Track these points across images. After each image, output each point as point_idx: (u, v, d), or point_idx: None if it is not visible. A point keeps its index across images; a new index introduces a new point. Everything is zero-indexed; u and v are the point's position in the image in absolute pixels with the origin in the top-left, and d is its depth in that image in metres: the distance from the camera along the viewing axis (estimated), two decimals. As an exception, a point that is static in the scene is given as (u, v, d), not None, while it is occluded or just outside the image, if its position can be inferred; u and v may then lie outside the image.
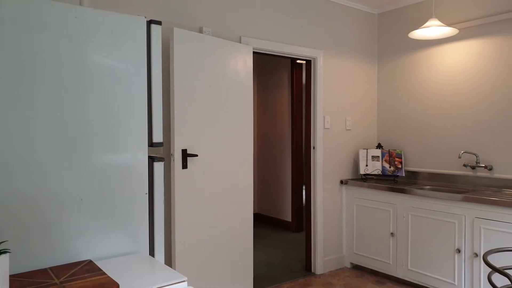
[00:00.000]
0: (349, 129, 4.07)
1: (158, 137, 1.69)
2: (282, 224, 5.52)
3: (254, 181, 5.98)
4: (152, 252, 1.69)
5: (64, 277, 1.27)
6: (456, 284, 3.09)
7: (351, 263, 3.97)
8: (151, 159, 1.70)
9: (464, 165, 3.54)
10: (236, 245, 3.07)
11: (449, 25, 3.65)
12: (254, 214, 5.93)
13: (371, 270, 3.81)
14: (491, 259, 2.86)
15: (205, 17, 3.05)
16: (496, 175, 3.36)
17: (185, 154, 2.70)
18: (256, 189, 5.99)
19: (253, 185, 5.88)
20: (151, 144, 1.68)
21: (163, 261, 1.70)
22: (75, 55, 1.52)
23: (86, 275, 1.28)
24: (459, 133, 3.63)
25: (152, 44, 1.66)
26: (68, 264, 1.42)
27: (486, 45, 3.42)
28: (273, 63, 5.68)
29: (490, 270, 2.63)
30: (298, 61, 5.14)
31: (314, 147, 3.79)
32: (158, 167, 1.69)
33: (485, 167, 3.41)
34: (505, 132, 3.32)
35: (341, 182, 3.97)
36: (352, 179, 3.97)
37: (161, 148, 2.81)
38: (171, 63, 2.66)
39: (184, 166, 2.70)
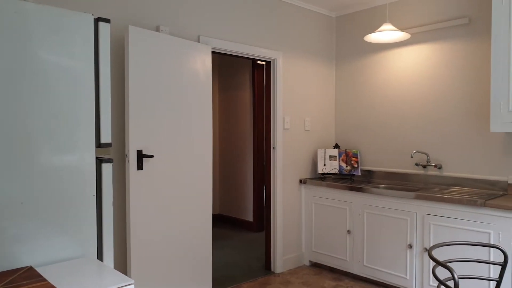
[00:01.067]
0: (308, 130, 4.14)
1: (106, 138, 1.64)
2: (243, 224, 5.53)
3: (216, 182, 5.96)
4: (100, 256, 1.65)
5: (1, 285, 1.21)
6: (407, 278, 3.21)
7: (310, 261, 4.05)
8: (99, 160, 1.65)
9: (416, 164, 3.69)
10: (195, 246, 3.05)
11: (402, 29, 3.79)
12: (215, 215, 5.90)
13: (329, 267, 3.89)
14: (439, 252, 3.00)
15: (162, 16, 3.00)
16: (445, 173, 3.53)
17: (140, 155, 2.65)
18: (217, 189, 5.97)
19: (215, 185, 5.87)
20: (99, 145, 1.64)
21: (112, 264, 1.66)
22: (17, 52, 1.45)
23: (24, 282, 1.22)
24: (411, 133, 3.78)
25: (100, 42, 1.62)
26: (6, 271, 1.36)
27: (436, 50, 3.58)
28: (235, 63, 5.68)
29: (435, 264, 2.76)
30: (258, 62, 5.17)
31: (274, 147, 3.82)
32: (107, 168, 1.64)
33: (435, 166, 3.57)
34: (452, 133, 3.49)
35: (301, 181, 4.03)
36: (311, 179, 4.05)
37: (113, 149, 2.74)
38: (126, 62, 2.60)
39: (140, 167, 2.65)
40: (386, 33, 3.46)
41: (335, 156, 4.08)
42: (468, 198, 2.86)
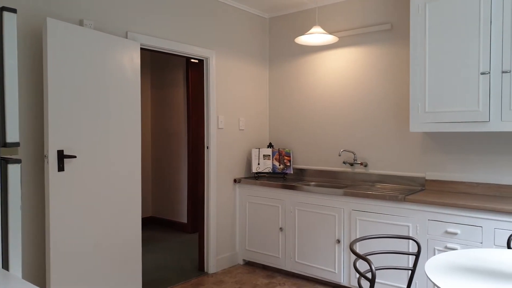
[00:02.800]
0: (243, 129, 4.16)
1: (13, 137, 1.51)
2: (177, 226, 5.42)
3: (148, 183, 5.78)
4: (6, 265, 1.51)
5: None
6: (336, 272, 3.34)
7: (244, 260, 4.06)
8: (5, 161, 1.51)
9: (344, 162, 3.85)
10: (123, 251, 2.92)
11: (330, 33, 3.94)
12: (148, 217, 5.73)
13: (263, 265, 3.94)
14: (364, 246, 3.15)
15: (86, 9, 2.84)
16: (371, 170, 3.72)
17: (61, 156, 2.49)
18: (150, 191, 5.79)
19: (147, 187, 5.69)
20: (4, 144, 1.50)
21: (19, 274, 1.53)
22: None
23: None
24: (339, 132, 3.94)
25: (5, 33, 1.49)
26: None
27: (362, 53, 3.77)
28: (169, 61, 5.55)
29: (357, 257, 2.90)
30: (192, 60, 5.10)
31: (207, 146, 3.79)
32: (13, 169, 1.51)
33: (361, 163, 3.75)
34: (377, 132, 3.69)
35: (235, 180, 4.03)
36: (245, 178, 4.06)
37: (31, 149, 2.55)
38: (44, 57, 2.43)
39: (61, 168, 2.49)
40: (316, 36, 3.57)
41: (269, 155, 4.13)
42: (390, 194, 3.04)
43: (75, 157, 2.53)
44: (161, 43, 3.33)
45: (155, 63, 5.74)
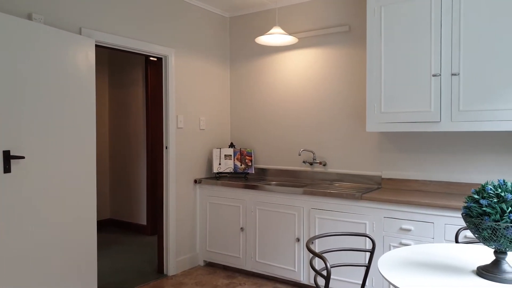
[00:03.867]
0: (203, 129, 4.11)
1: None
2: (137, 227, 5.29)
3: (106, 185, 5.60)
4: None
5: None
6: (296, 270, 3.37)
7: (205, 261, 4.02)
8: None
9: (304, 162, 3.90)
10: (77, 254, 2.81)
11: (290, 33, 3.98)
12: (105, 219, 5.55)
13: (224, 265, 3.91)
14: (322, 244, 3.20)
15: (36, 2, 2.71)
16: (330, 169, 3.79)
17: (7, 156, 2.35)
18: (108, 193, 5.61)
19: (105, 188, 5.51)
20: None
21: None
22: None
23: None
24: (299, 132, 3.98)
25: None
26: None
27: (321, 54, 3.83)
28: (127, 58, 5.40)
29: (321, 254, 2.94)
30: (151, 58, 4.99)
31: (166, 146, 3.71)
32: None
33: (320, 163, 3.81)
34: (335, 132, 3.76)
35: (195, 181, 3.98)
36: (206, 178, 4.02)
37: (-23, 149, 2.39)
38: (-12, 51, 2.28)
39: (7, 169, 2.35)
40: (276, 36, 3.59)
41: (230, 155, 4.11)
42: (348, 193, 3.10)
43: (23, 157, 2.40)
44: (118, 40, 3.23)
45: (113, 61, 5.57)
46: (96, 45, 3.12)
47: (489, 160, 3.03)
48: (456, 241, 2.14)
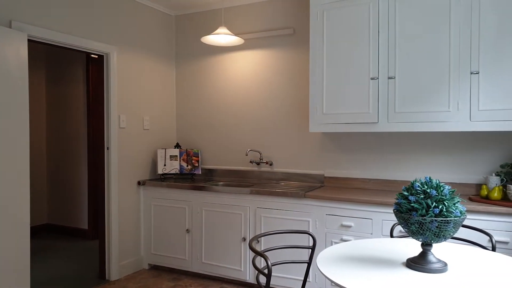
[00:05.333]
0: (147, 129, 4.02)
1: None
2: (77, 232, 5.05)
3: (43, 188, 5.30)
4: None
5: None
6: (242, 270, 3.39)
7: (150, 264, 3.93)
8: None
9: (251, 162, 3.93)
10: (7, 263, 2.63)
11: (236, 34, 3.99)
12: (42, 225, 5.25)
13: (169, 268, 3.85)
14: (267, 242, 3.25)
15: (-40, -9, 2.50)
16: (276, 169, 3.85)
17: None
18: (45, 196, 5.31)
19: (42, 192, 5.22)
20: None
21: None
22: None
23: None
24: (246, 133, 4.01)
25: None
26: None
27: (266, 56, 3.88)
28: (67, 55, 5.14)
29: (255, 254, 2.98)
30: (92, 56, 4.79)
31: (108, 147, 3.58)
32: None
33: (267, 162, 3.86)
34: (281, 132, 3.83)
35: (139, 183, 3.88)
36: (150, 180, 3.93)
37: None
38: None
39: None
40: (222, 36, 3.59)
41: (176, 155, 4.05)
42: (292, 191, 3.17)
43: None
44: (54, 35, 3.07)
45: (51, 57, 5.28)
46: (30, 40, 2.94)
47: (422, 158, 3.23)
48: (391, 236, 2.26)
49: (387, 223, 2.83)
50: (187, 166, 4.05)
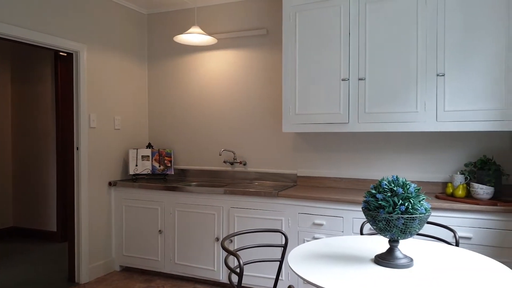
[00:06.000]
0: (118, 129, 3.95)
1: None
2: (46, 235, 4.91)
3: (9, 189, 5.11)
4: None
5: None
6: (215, 270, 3.39)
7: (121, 266, 3.87)
8: None
9: (224, 162, 3.93)
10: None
11: (210, 34, 3.98)
12: (8, 228, 5.07)
13: (141, 269, 3.80)
14: (240, 242, 3.26)
15: None
16: (249, 169, 3.87)
17: None
18: (12, 198, 5.13)
19: (7, 194, 5.04)
20: None
21: None
22: None
23: None
24: (220, 132, 4.01)
25: None
26: None
27: (240, 56, 3.89)
28: (34, 53, 4.99)
29: (227, 253, 2.99)
30: (61, 53, 4.67)
31: (77, 147, 3.50)
32: None
33: (240, 162, 3.87)
34: (254, 132, 3.85)
35: (110, 183, 3.80)
36: (121, 180, 3.87)
37: None
38: None
39: None
40: (195, 36, 3.57)
41: (148, 156, 4.00)
42: (265, 191, 3.19)
43: None
44: (18, 31, 2.97)
45: (17, 55, 5.10)
46: (-7, 36, 2.84)
47: (391, 158, 3.32)
48: (361, 233, 2.31)
49: (357, 221, 2.89)
50: (160, 166, 4.01)
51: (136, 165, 3.93)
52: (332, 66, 3.13)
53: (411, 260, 1.60)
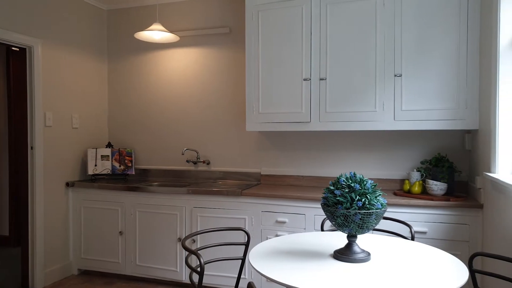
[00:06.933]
0: (76, 127, 3.81)
1: None
2: (-2, 239, 4.67)
3: (-41, 191, 4.82)
4: None
5: None
6: (178, 270, 3.34)
7: (79, 269, 3.73)
8: None
9: (187, 161, 3.88)
10: None
11: (171, 31, 3.92)
12: (-42, 232, 4.78)
13: (101, 272, 3.68)
14: (204, 242, 3.23)
15: None
16: (213, 168, 3.84)
17: None
18: (-39, 201, 4.84)
19: (-43, 196, 4.75)
20: None
21: None
22: None
23: None
24: (182, 131, 3.95)
25: None
26: None
27: (202, 54, 3.85)
28: (-16, 47, 4.72)
29: (188, 253, 2.96)
30: (13, 49, 4.45)
31: (32, 147, 3.35)
32: None
33: (204, 161, 3.84)
34: (218, 131, 3.83)
35: (67, 184, 3.66)
36: (80, 181, 3.73)
37: None
38: None
39: None
40: (156, 33, 3.51)
41: (108, 155, 3.89)
42: (228, 190, 3.18)
43: None
44: (-32, 24, 2.81)
45: (-35, 48, 4.81)
46: None
47: (352, 156, 3.40)
48: (322, 230, 2.35)
49: (319, 217, 2.94)
50: (120, 166, 3.91)
51: (95, 165, 3.81)
52: (294, 66, 3.16)
53: (369, 254, 1.65)
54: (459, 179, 3.11)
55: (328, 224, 2.84)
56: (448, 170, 2.87)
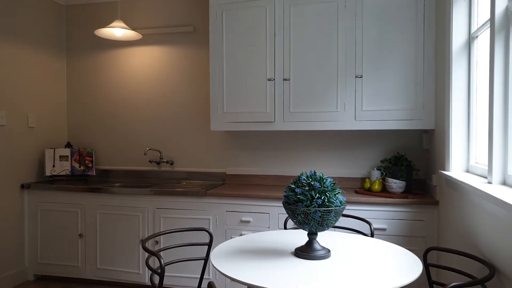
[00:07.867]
0: (33, 127, 3.65)
1: None
2: None
3: None
4: None
5: None
6: (140, 273, 3.27)
7: (36, 275, 3.58)
8: None
9: (150, 161, 3.81)
10: None
11: (134, 29, 3.84)
12: None
13: (59, 277, 3.55)
14: (167, 243, 3.18)
15: None
16: (177, 168, 3.79)
17: None
18: None
19: None
20: None
21: None
22: None
23: None
24: (145, 131, 3.88)
25: None
26: None
27: (166, 53, 3.80)
28: None
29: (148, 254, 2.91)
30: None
31: (-17, 147, 3.18)
32: None
33: (167, 162, 3.78)
34: (182, 131, 3.78)
35: (23, 186, 3.50)
36: (37, 182, 3.58)
37: None
38: None
39: None
40: (117, 30, 3.42)
41: (67, 156, 3.75)
42: (192, 190, 3.15)
43: None
44: None
45: None
46: None
47: (315, 155, 3.45)
48: (285, 228, 2.37)
49: (282, 216, 2.96)
50: (80, 167, 3.78)
51: (54, 166, 3.67)
52: (258, 65, 3.17)
53: (329, 251, 1.68)
54: (417, 177, 3.23)
55: (291, 222, 2.87)
56: (407, 168, 2.98)
